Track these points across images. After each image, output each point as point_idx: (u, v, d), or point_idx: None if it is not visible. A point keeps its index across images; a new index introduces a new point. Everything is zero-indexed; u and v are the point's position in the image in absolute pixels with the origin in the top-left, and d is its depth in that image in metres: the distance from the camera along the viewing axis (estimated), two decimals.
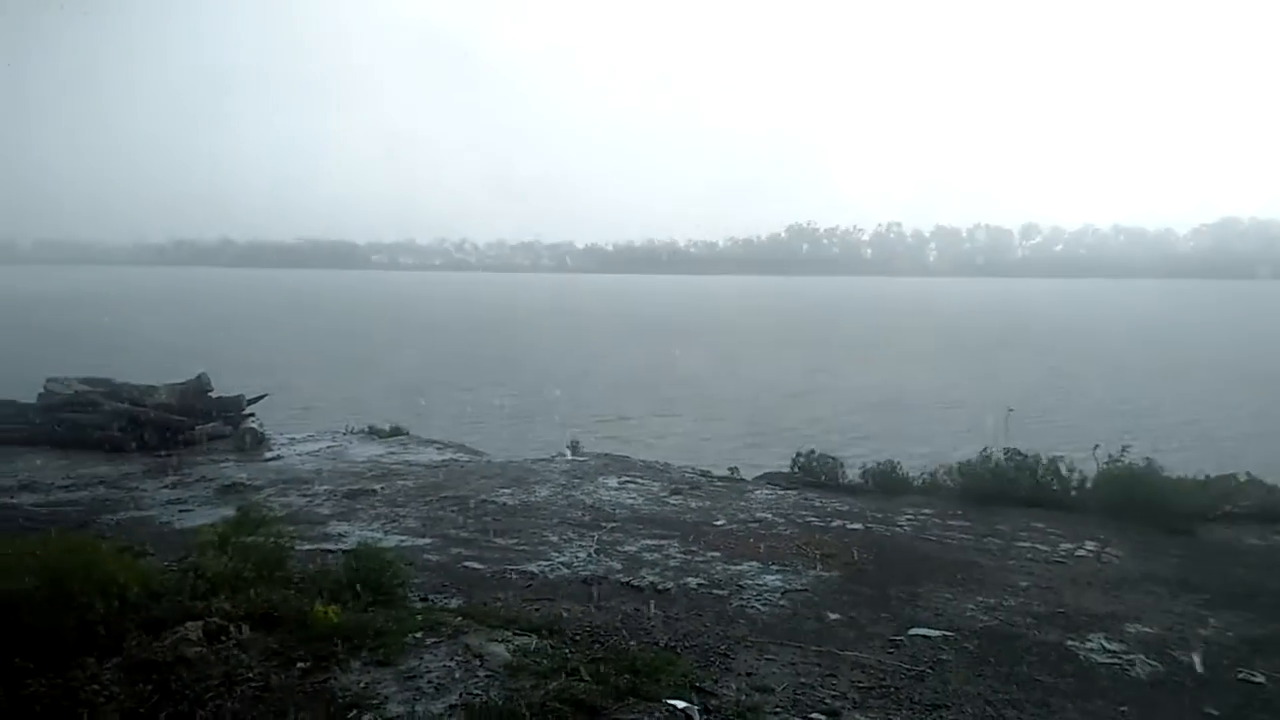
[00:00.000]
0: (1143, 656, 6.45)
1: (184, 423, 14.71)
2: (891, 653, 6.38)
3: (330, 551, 8.42)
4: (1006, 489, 11.20)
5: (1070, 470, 11.63)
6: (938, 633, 6.76)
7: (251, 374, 31.81)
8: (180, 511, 10.34)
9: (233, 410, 15.79)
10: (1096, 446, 11.99)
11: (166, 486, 11.57)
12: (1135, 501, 10.34)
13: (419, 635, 6.02)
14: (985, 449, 12.23)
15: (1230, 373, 41.97)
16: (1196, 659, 6.39)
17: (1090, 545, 9.32)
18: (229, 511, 9.08)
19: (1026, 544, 9.34)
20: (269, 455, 13.83)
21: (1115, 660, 6.40)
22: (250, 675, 5.22)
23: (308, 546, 8.50)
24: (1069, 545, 9.31)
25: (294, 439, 15.32)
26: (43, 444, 13.84)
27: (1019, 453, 12.03)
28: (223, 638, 5.57)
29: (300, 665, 5.43)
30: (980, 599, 7.60)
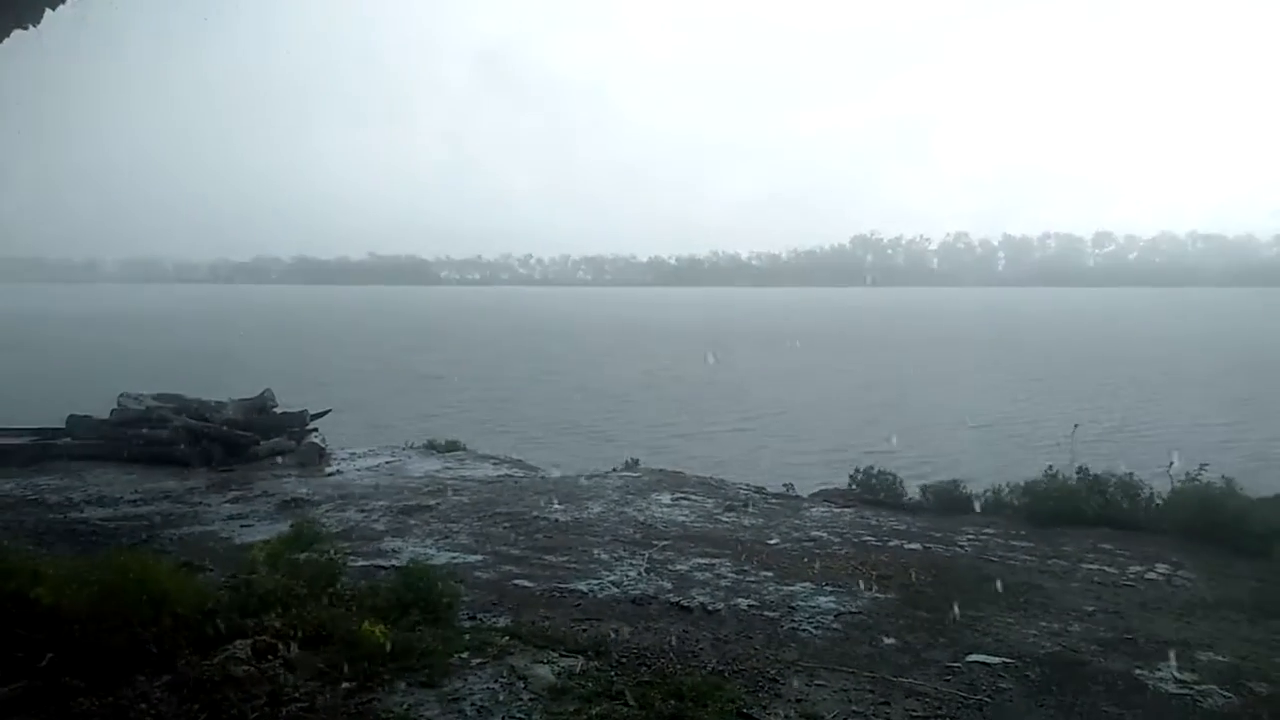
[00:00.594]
0: (1216, 687, 6.13)
1: (248, 438, 15.01)
2: (948, 680, 6.17)
3: (383, 568, 8.47)
4: (1074, 508, 10.81)
5: (1142, 489, 11.21)
6: (998, 659, 6.52)
7: (317, 389, 32.55)
8: (242, 526, 10.51)
9: (296, 426, 16.07)
10: (1170, 464, 11.54)
11: (229, 501, 11.79)
12: (1211, 522, 9.90)
13: (465, 655, 6.01)
14: (1051, 466, 11.88)
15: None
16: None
17: (1161, 568, 8.93)
18: (288, 526, 9.23)
19: (1094, 566, 8.99)
20: (330, 470, 14.03)
21: (1187, 691, 6.10)
22: (296, 695, 5.25)
23: (361, 563, 8.56)
24: (1138, 568, 8.94)
25: (354, 454, 15.53)
26: (114, 458, 14.23)
27: (1086, 470, 11.65)
28: (270, 656, 5.61)
29: (346, 685, 5.44)
30: (1044, 624, 7.32)
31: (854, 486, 12.61)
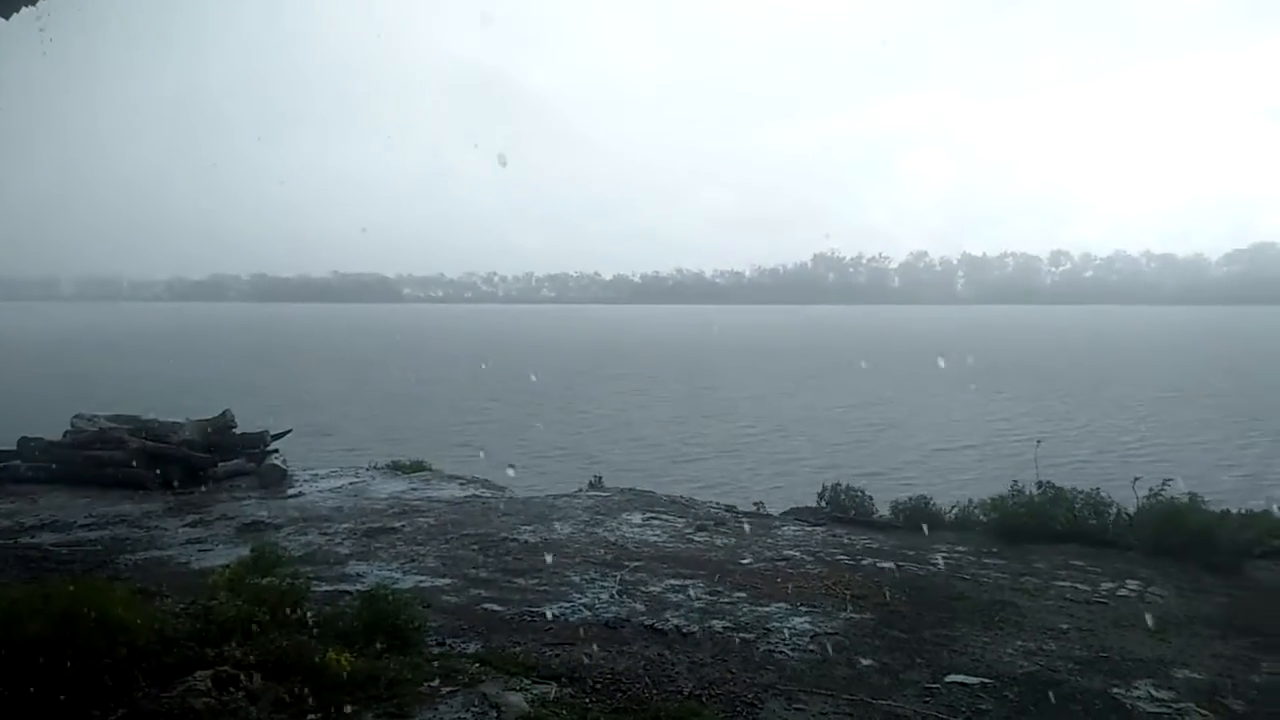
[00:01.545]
0: (1194, 705, 6.10)
1: (207, 460, 14.66)
2: (927, 702, 6.09)
3: (348, 593, 8.24)
4: (1042, 525, 10.83)
5: (1109, 504, 11.26)
6: (976, 680, 6.45)
7: (279, 409, 32.02)
8: (200, 551, 10.22)
9: (256, 446, 15.73)
10: (1136, 479, 11.60)
11: (187, 525, 11.47)
12: (1178, 537, 9.94)
13: (435, 684, 5.83)
14: (1017, 482, 11.90)
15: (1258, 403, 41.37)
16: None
17: (1132, 584, 8.95)
18: (248, 551, 8.97)
19: (1066, 583, 8.98)
20: (291, 492, 13.72)
21: (1164, 709, 6.07)
22: None
23: (325, 588, 8.34)
24: (1110, 584, 8.95)
25: (317, 475, 15.21)
26: (67, 482, 13.80)
27: (1054, 486, 11.69)
28: (232, 688, 5.39)
29: (311, 717, 5.24)
30: (1019, 643, 7.27)
31: (824, 504, 12.54)
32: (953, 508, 12.06)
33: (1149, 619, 7.72)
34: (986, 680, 6.45)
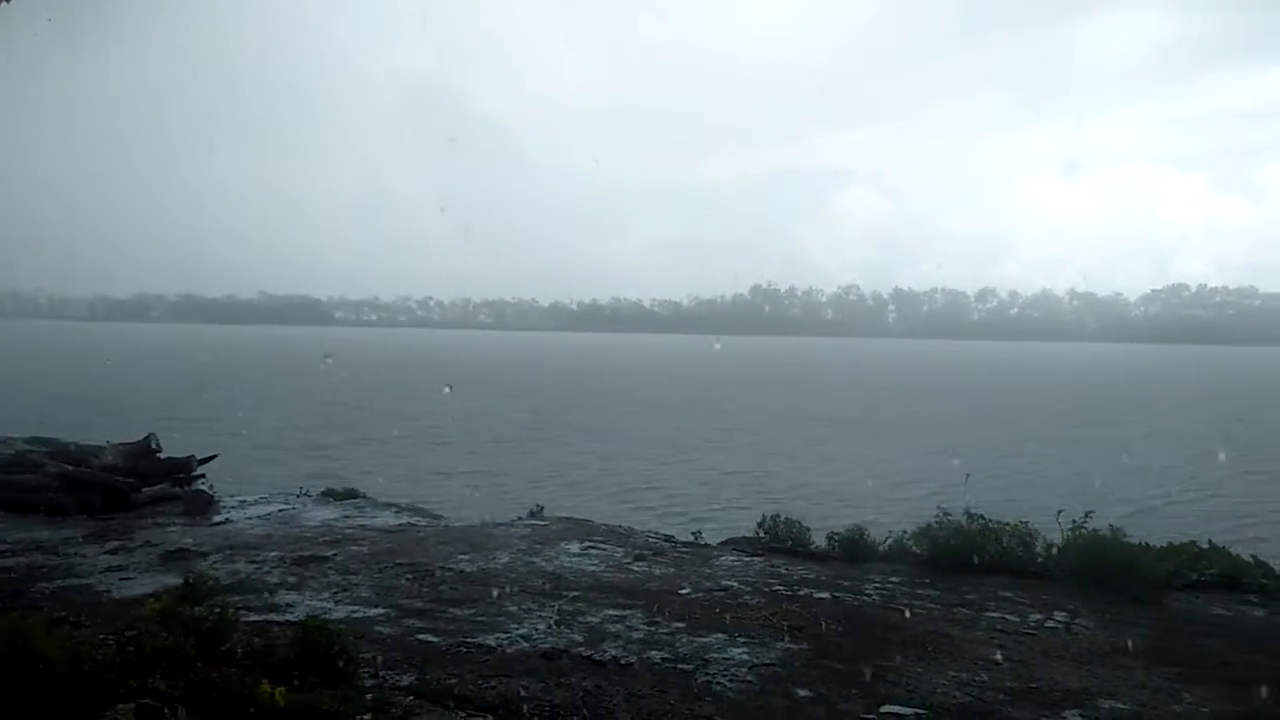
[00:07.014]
0: None
1: (130, 484, 14.19)
2: None
3: (277, 623, 8.03)
4: (972, 556, 11.04)
5: (1034, 536, 11.52)
6: (911, 711, 6.52)
7: (205, 432, 31.19)
8: (121, 579, 9.85)
9: (182, 471, 15.29)
10: (1060, 512, 11.91)
11: (108, 552, 11.05)
12: (1102, 569, 10.22)
13: (367, 717, 5.70)
14: (946, 512, 12.10)
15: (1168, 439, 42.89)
16: None
17: (1059, 616, 9.17)
18: (172, 579, 8.71)
19: (996, 614, 9.16)
20: (218, 519, 13.34)
21: None
22: None
23: (253, 617, 8.11)
24: (1038, 616, 9.15)
25: (245, 501, 14.82)
26: None
27: (982, 517, 11.92)
28: None
29: None
30: (952, 673, 7.39)
31: (761, 534, 12.61)
32: (886, 538, 12.22)
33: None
34: (921, 711, 6.52)
